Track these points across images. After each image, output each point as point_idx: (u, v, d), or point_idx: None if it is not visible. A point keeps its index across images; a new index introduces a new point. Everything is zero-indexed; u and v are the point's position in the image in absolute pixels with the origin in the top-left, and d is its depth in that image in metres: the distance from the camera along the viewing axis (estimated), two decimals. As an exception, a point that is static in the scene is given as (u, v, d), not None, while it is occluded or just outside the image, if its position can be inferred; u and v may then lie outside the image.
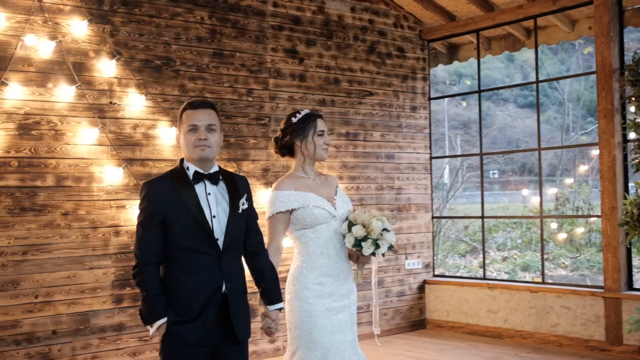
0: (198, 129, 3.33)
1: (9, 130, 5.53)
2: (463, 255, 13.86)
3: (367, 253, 3.74)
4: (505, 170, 22.73)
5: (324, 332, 3.73)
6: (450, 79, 20.80)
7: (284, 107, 7.06)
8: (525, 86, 20.32)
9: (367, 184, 7.71)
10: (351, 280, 3.96)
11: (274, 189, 3.86)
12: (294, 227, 3.83)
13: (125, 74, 6.09)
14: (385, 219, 3.81)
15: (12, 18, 5.56)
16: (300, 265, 3.82)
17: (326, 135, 3.94)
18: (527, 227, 14.13)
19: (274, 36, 7.05)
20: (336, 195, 3.94)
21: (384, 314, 7.78)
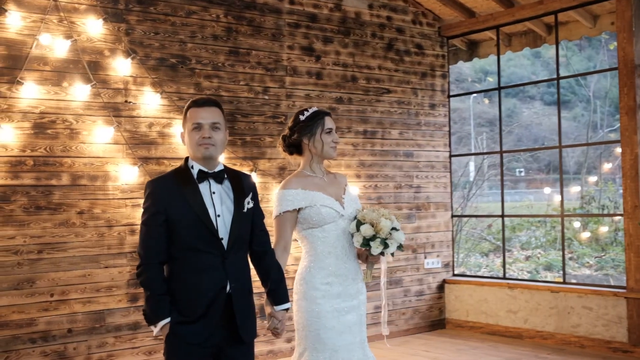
0: (202, 127, 3.29)
1: (24, 129, 5.55)
2: (486, 254, 13.72)
3: (376, 253, 3.68)
4: (531, 169, 22.53)
5: (332, 332, 3.68)
6: (476, 76, 20.66)
7: (301, 105, 7.02)
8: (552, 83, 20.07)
9: (385, 182, 7.65)
10: (360, 280, 3.90)
11: (281, 187, 3.81)
12: (301, 227, 3.78)
13: (140, 73, 6.09)
14: (395, 218, 3.75)
15: (28, 17, 5.58)
16: (308, 265, 3.77)
17: (334, 133, 3.88)
18: (552, 225, 13.96)
19: (290, 34, 7.01)
20: (344, 194, 3.89)
21: (402, 314, 7.71)
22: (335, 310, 3.72)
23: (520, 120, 21.28)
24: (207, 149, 3.28)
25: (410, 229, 7.82)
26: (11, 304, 5.45)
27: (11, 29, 5.52)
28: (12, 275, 5.46)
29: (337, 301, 3.74)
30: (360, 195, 7.39)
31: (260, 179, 6.62)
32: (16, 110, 5.52)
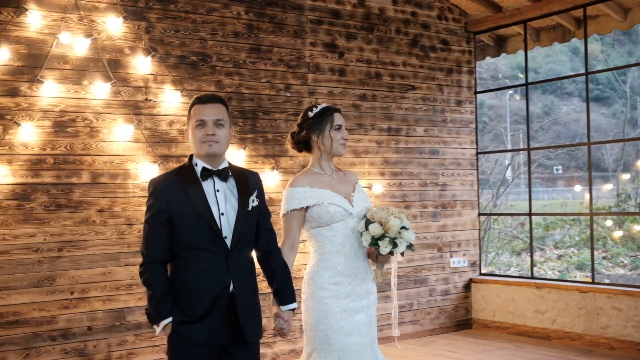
0: (206, 124, 3.25)
1: (44, 128, 5.57)
2: (518, 253, 13.52)
3: (385, 252, 3.59)
4: (569, 166, 22.17)
5: (340, 333, 3.60)
6: (512, 73, 20.37)
7: (323, 102, 6.93)
8: (591, 79, 19.77)
9: (410, 180, 7.55)
10: (370, 280, 3.82)
11: (288, 185, 3.75)
12: (309, 225, 3.71)
13: (160, 71, 6.08)
14: (405, 216, 3.65)
15: (48, 16, 5.60)
16: (316, 265, 3.70)
17: (344, 130, 3.80)
18: (586, 224, 13.69)
19: (312, 30, 6.95)
20: (354, 192, 3.80)
21: (427, 313, 7.61)
22: (344, 311, 3.64)
23: (557, 117, 20.97)
24: (210, 146, 3.24)
25: (435, 227, 7.72)
26: (31, 302, 5.48)
27: (32, 28, 5.54)
28: (33, 273, 5.49)
29: (345, 301, 3.66)
30: (384, 193, 7.31)
31: (281, 177, 6.58)
32: (36, 108, 5.55)
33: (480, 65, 19.61)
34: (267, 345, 6.47)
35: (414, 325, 7.51)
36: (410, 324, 7.48)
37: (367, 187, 7.18)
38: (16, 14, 5.48)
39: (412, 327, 7.50)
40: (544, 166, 20.98)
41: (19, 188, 5.47)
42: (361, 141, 7.21)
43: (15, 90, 5.46)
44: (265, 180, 6.44)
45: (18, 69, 5.48)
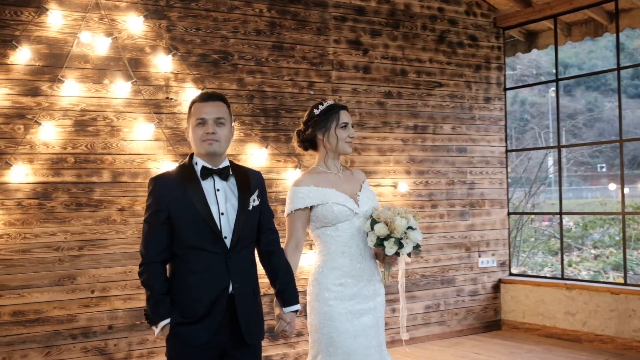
0: (206, 122, 3.19)
1: (65, 127, 5.60)
2: (555, 252, 13.25)
3: (390, 253, 3.49)
4: (613, 164, 21.70)
5: (346, 336, 3.52)
6: (553, 70, 19.96)
7: (347, 99, 6.88)
8: (635, 75, 19.37)
9: (436, 178, 7.43)
10: (377, 281, 3.72)
11: (293, 184, 3.68)
12: (314, 225, 3.64)
13: (181, 69, 6.07)
14: (412, 216, 3.55)
15: (69, 16, 5.63)
16: (321, 265, 3.63)
17: (350, 128, 3.72)
18: (627, 223, 13.37)
19: (336, 27, 6.87)
20: (360, 191, 3.72)
21: (455, 314, 7.48)
22: (349, 313, 3.55)
23: (602, 114, 20.54)
24: (210, 145, 3.18)
25: (463, 226, 7.58)
26: (52, 300, 5.51)
27: (52, 27, 5.57)
28: (53, 272, 5.53)
29: (351, 303, 3.57)
30: (410, 192, 7.20)
31: (304, 176, 6.51)
32: (57, 108, 5.57)
33: (522, 62, 19.32)
34: (289, 346, 6.42)
35: (440, 326, 7.39)
36: (437, 325, 7.36)
37: (392, 186, 7.09)
38: (37, 14, 5.51)
39: (439, 328, 7.37)
40: (588, 164, 20.59)
41: (40, 187, 5.50)
42: (386, 139, 7.11)
43: (36, 89, 5.50)
44: (287, 179, 6.42)
45: (39, 69, 5.51)
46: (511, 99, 21.08)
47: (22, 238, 5.43)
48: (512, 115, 20.61)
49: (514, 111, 20.67)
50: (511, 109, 21.42)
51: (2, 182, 5.36)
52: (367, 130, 6.99)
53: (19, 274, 5.41)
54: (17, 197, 5.42)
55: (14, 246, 5.40)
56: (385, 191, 7.06)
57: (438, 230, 7.41)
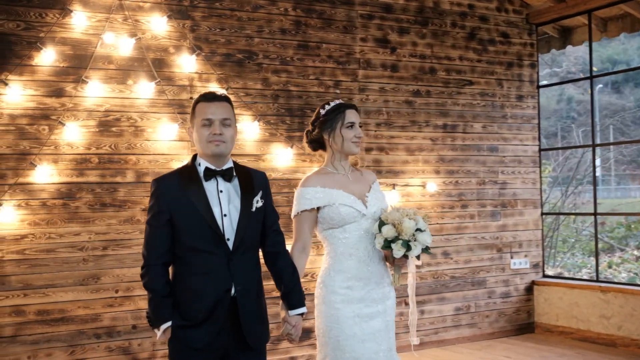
0: (212, 123, 3.14)
1: (89, 127, 5.63)
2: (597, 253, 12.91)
3: (398, 255, 3.39)
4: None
5: (353, 340, 3.43)
6: (602, 67, 19.57)
7: (375, 98, 6.80)
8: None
9: (467, 178, 7.29)
10: (387, 284, 3.63)
11: (300, 185, 3.61)
12: (321, 227, 3.57)
13: (205, 69, 6.06)
14: (421, 218, 3.45)
15: (93, 17, 5.66)
16: (328, 268, 3.55)
17: (357, 128, 3.62)
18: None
19: (363, 25, 6.79)
20: (369, 192, 3.63)
21: (486, 316, 7.34)
22: (357, 316, 3.47)
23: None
24: (217, 146, 3.13)
25: (494, 227, 7.43)
26: (77, 299, 5.55)
27: (77, 29, 5.60)
28: (78, 271, 5.56)
29: (358, 306, 3.49)
30: (439, 192, 7.09)
31: (331, 176, 6.46)
32: (81, 108, 5.61)
33: (569, 59, 18.91)
34: (313, 347, 6.36)
35: (471, 329, 7.26)
36: (468, 327, 7.23)
37: (420, 186, 6.99)
38: (61, 15, 5.55)
39: (470, 331, 7.24)
40: (636, 162, 20.12)
41: (65, 187, 5.54)
42: (415, 138, 7.01)
43: (61, 90, 5.53)
44: (313, 178, 6.36)
45: (63, 70, 5.55)
46: (557, 96, 20.70)
47: (46, 238, 5.47)
48: (558, 114, 20.23)
49: (560, 109, 20.28)
50: (557, 107, 21.04)
51: (27, 182, 5.41)
52: (395, 129, 6.90)
53: (44, 274, 5.46)
54: (42, 197, 5.47)
55: (39, 246, 5.45)
56: (413, 191, 6.96)
57: (468, 231, 7.28)
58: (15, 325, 5.36)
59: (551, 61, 16.63)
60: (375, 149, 6.80)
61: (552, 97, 19.95)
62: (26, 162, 5.40)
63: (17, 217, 5.38)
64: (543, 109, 16.89)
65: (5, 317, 5.33)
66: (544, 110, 16.75)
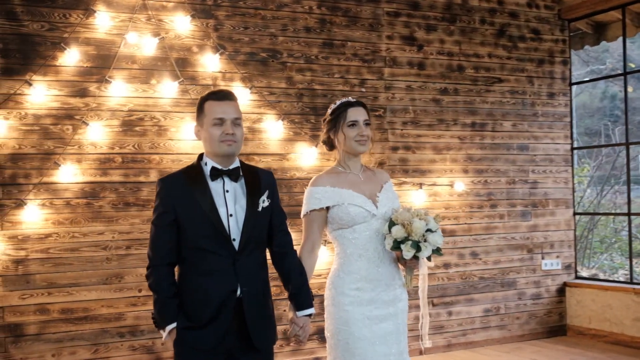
0: (224, 122, 3.10)
1: (113, 127, 5.65)
2: (637, 255, 12.62)
3: (408, 257, 3.32)
4: None
5: (363, 342, 3.36)
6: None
7: (401, 97, 6.71)
8: None
9: (496, 177, 7.16)
10: (399, 286, 3.54)
11: (309, 184, 3.56)
12: (331, 227, 3.50)
13: (229, 68, 6.04)
14: (432, 218, 3.36)
15: (116, 17, 5.68)
16: (338, 269, 3.49)
17: (361, 126, 3.53)
18: None
19: (389, 23, 6.71)
20: (380, 192, 3.55)
21: (516, 318, 7.20)
22: (367, 318, 3.40)
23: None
24: (230, 146, 3.10)
25: (525, 227, 7.29)
26: (100, 298, 5.57)
27: (100, 29, 5.63)
28: (101, 270, 5.59)
29: (368, 308, 3.41)
30: (468, 192, 6.97)
31: (356, 175, 6.39)
32: (105, 108, 5.63)
33: (612, 55, 18.50)
34: (339, 348, 6.30)
35: (500, 331, 7.13)
36: (497, 329, 7.10)
37: (448, 185, 6.88)
38: (85, 16, 5.58)
39: (499, 332, 7.12)
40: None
41: (88, 186, 5.57)
42: (442, 137, 6.90)
43: (84, 90, 5.56)
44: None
45: (87, 70, 5.58)
46: (600, 94, 20.27)
47: (70, 237, 5.51)
48: (602, 112, 19.82)
49: (604, 107, 19.86)
50: (600, 105, 20.61)
51: (51, 181, 5.45)
52: (421, 128, 6.80)
53: (68, 272, 5.50)
54: (66, 196, 5.50)
55: (63, 245, 5.48)
56: (441, 190, 6.86)
57: (498, 231, 7.15)
58: (40, 324, 5.41)
59: (593, 58, 16.29)
60: (401, 148, 6.71)
61: (596, 95, 19.55)
62: (50, 162, 5.44)
63: (42, 216, 5.43)
64: (586, 106, 16.46)
65: (30, 315, 5.38)
66: (587, 108, 16.41)
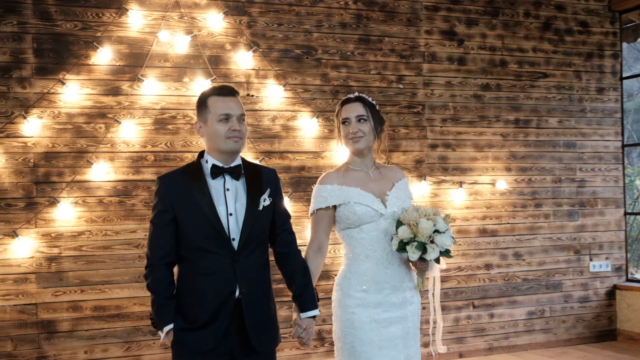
0: (231, 118, 3.03)
1: (145, 125, 5.66)
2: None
3: (413, 258, 3.17)
4: None
5: (370, 346, 3.23)
6: None
7: (440, 93, 6.54)
8: None
9: (541, 175, 6.92)
10: (409, 289, 3.40)
11: (317, 182, 3.46)
12: (339, 227, 3.39)
13: (263, 65, 5.98)
14: (442, 219, 3.20)
15: (149, 16, 5.68)
16: (345, 270, 3.37)
17: (353, 123, 3.39)
18: None
19: (428, 17, 6.55)
20: (390, 191, 3.41)
21: (562, 321, 6.95)
22: (374, 322, 3.27)
23: None
24: (236, 143, 3.03)
25: (572, 227, 7.02)
26: (132, 296, 5.59)
27: (133, 27, 5.64)
28: (133, 268, 5.60)
29: (376, 311, 3.29)
30: (511, 190, 6.75)
31: (393, 173, 6.26)
32: (137, 106, 5.64)
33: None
34: (374, 349, 6.18)
35: (546, 334, 6.89)
36: (542, 333, 6.87)
37: (490, 184, 6.68)
38: (118, 14, 5.60)
39: (544, 336, 6.88)
40: None
41: (121, 185, 5.59)
42: (484, 134, 6.70)
43: (117, 89, 5.58)
44: (374, 176, 6.18)
45: (120, 69, 5.60)
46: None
47: (103, 235, 5.54)
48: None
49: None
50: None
51: (83, 180, 5.49)
52: (462, 125, 6.62)
53: (100, 270, 5.53)
54: (99, 194, 5.53)
55: (96, 243, 5.52)
56: (482, 189, 6.66)
57: (542, 231, 6.91)
58: (73, 321, 5.45)
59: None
60: (440, 146, 6.54)
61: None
62: (83, 160, 5.48)
63: (75, 214, 5.47)
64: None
65: (63, 312, 5.43)
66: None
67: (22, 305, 5.35)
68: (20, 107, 5.36)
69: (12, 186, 5.35)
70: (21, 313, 5.35)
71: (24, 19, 5.40)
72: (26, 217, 5.35)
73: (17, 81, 5.37)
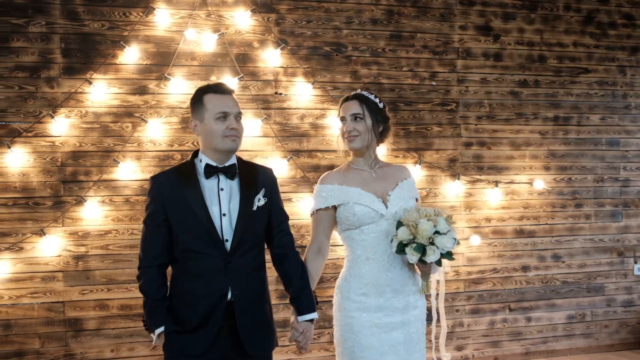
0: (228, 116, 2.98)
1: (172, 124, 5.65)
2: None
3: (412, 261, 3.04)
4: None
5: (370, 352, 3.12)
6: None
7: (475, 90, 6.37)
8: None
9: (582, 175, 6.67)
10: (413, 292, 3.27)
11: (318, 182, 3.36)
12: (340, 228, 3.29)
13: (291, 63, 5.91)
14: (444, 220, 3.06)
15: (176, 14, 5.67)
16: (345, 272, 3.27)
17: (348, 122, 3.30)
18: None
19: (462, 12, 6.38)
20: (393, 190, 3.29)
21: (604, 326, 6.69)
22: (375, 326, 3.16)
23: None
24: (234, 141, 2.99)
25: (615, 228, 6.76)
26: (159, 295, 5.57)
27: (160, 26, 5.64)
28: (160, 267, 5.58)
29: (377, 315, 3.17)
30: (549, 190, 6.53)
31: (425, 172, 6.12)
32: (164, 105, 5.63)
33: None
34: (404, 352, 6.05)
35: (586, 339, 6.64)
36: (582, 337, 6.62)
37: (527, 183, 6.47)
38: (145, 13, 5.60)
39: (585, 341, 6.63)
40: None
41: (147, 184, 5.55)
42: (521, 132, 6.50)
43: (144, 88, 5.59)
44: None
45: (146, 68, 5.60)
46: None
47: (129, 234, 5.55)
48: None
49: None
50: None
51: (110, 179, 5.50)
52: (498, 122, 6.43)
53: (127, 269, 5.54)
54: (125, 193, 5.54)
55: (122, 241, 5.53)
56: (519, 189, 6.46)
57: (583, 233, 6.66)
58: (99, 319, 5.48)
59: None
60: (475, 144, 6.37)
61: None
62: (110, 159, 5.50)
63: (101, 213, 5.49)
64: None
65: (89, 311, 5.46)
66: None
67: (49, 303, 5.40)
68: (48, 106, 5.40)
69: (40, 185, 5.40)
70: (49, 311, 5.39)
71: (52, 20, 5.44)
72: (54, 216, 5.39)
73: (45, 81, 5.42)
